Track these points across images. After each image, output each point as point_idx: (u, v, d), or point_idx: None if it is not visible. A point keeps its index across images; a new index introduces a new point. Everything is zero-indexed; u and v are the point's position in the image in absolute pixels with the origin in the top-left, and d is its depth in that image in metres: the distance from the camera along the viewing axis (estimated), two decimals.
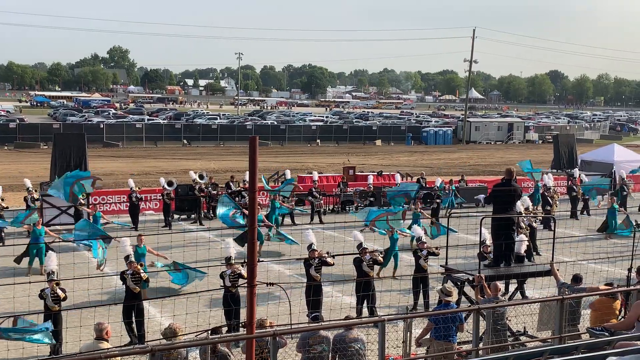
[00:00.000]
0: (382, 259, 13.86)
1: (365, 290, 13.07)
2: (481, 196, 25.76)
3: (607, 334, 7.94)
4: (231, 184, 25.55)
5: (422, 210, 21.31)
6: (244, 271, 11.73)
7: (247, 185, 16.38)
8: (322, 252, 13.42)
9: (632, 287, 10.39)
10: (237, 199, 20.09)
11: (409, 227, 17.98)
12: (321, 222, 24.12)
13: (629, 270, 12.98)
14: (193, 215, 24.40)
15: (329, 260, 13.23)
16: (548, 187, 24.69)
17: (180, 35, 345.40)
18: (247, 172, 6.56)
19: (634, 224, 20.31)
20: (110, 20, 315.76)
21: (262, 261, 16.63)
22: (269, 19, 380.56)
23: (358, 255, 13.50)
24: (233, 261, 12.56)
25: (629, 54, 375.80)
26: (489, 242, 13.44)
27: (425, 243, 14.77)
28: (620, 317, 10.50)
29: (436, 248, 14.80)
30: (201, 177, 24.87)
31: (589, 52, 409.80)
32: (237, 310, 11.86)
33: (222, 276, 12.50)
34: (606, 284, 11.09)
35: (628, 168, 33.54)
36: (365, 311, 13.21)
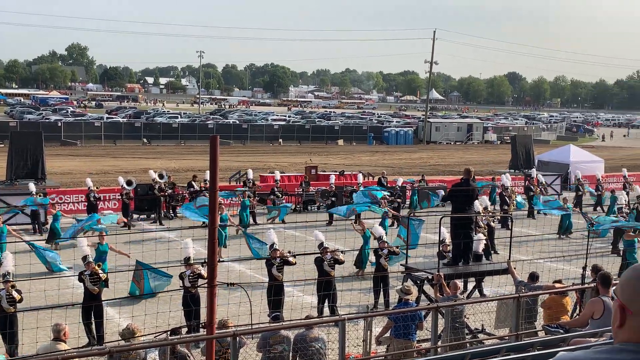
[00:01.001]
0: (343, 258, 13.90)
1: (326, 290, 13.10)
2: (441, 191, 26.17)
3: (562, 331, 8.13)
4: (193, 183, 25.35)
5: (388, 208, 21.48)
6: (203, 271, 11.65)
7: (208, 184, 16.28)
8: (284, 251, 13.41)
9: (586, 285, 10.64)
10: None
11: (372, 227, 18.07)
12: (255, 222, 23.70)
13: (584, 268, 13.31)
14: (153, 215, 24.14)
15: (291, 259, 13.23)
16: (506, 187, 25.12)
17: (141, 32, 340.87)
18: (208, 172, 6.54)
19: (589, 223, 20.85)
20: (69, 17, 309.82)
21: (223, 261, 16.55)
22: (231, 17, 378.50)
23: (319, 255, 13.53)
24: (192, 261, 12.47)
25: (584, 56, 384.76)
26: (448, 241, 13.62)
27: (386, 242, 14.86)
28: (575, 315, 10.76)
29: (396, 247, 14.93)
30: (161, 176, 24.61)
31: (546, 54, 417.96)
32: (197, 311, 11.78)
33: (181, 277, 12.40)
34: (555, 282, 11.35)
35: (584, 168, 34.30)
36: (326, 310, 13.26)
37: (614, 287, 5.61)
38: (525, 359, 6.56)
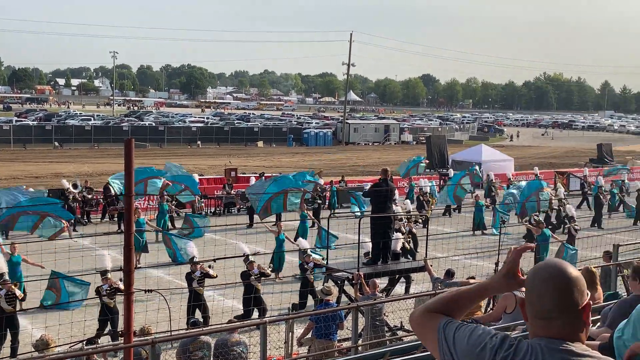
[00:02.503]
0: (270, 271, 13.75)
1: (255, 304, 12.85)
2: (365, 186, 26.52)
3: None
4: (110, 187, 24.66)
5: (307, 211, 21.53)
6: (122, 285, 11.26)
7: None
8: (204, 265, 13.10)
9: None
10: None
11: (295, 239, 18.01)
12: (173, 226, 23.30)
13: (496, 264, 13.83)
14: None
15: (212, 272, 12.97)
16: (424, 191, 25.78)
17: (51, 33, 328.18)
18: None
19: (501, 220, 21.65)
20: None
21: (140, 267, 16.18)
22: (145, 17, 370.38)
23: (245, 270, 13.30)
24: (110, 275, 12.03)
25: (494, 59, 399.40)
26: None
27: (311, 256, 14.50)
28: (488, 309, 11.14)
29: (322, 258, 14.68)
30: (75, 186, 23.82)
31: (458, 56, 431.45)
32: (115, 319, 11.47)
33: (98, 292, 11.99)
34: (469, 278, 11.74)
35: (495, 167, 35.60)
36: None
37: None
38: None
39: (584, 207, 28.43)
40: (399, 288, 14.78)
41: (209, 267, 13.04)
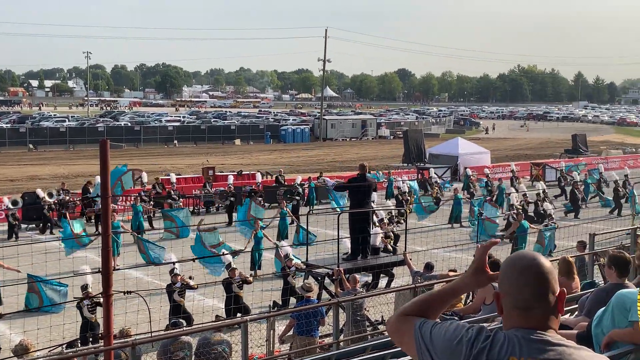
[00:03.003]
0: (251, 279, 13.67)
1: (237, 311, 12.74)
2: (333, 182, 26.65)
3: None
4: (90, 188, 24.46)
5: (287, 208, 21.49)
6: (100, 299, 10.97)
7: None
8: (185, 276, 12.96)
9: None
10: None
11: (278, 238, 17.93)
12: (152, 227, 22.93)
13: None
14: (41, 225, 23.07)
15: (192, 283, 12.81)
16: (403, 191, 25.83)
17: (24, 34, 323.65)
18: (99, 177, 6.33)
19: (477, 213, 21.81)
20: None
21: (119, 269, 16.03)
22: (118, 16, 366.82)
23: (227, 277, 13.11)
24: (90, 289, 11.85)
25: (469, 52, 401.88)
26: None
27: (293, 260, 14.35)
28: (468, 301, 11.22)
29: (302, 262, 14.56)
30: (50, 195, 23.54)
31: (432, 50, 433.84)
32: (96, 334, 11.35)
33: (79, 307, 11.82)
34: (450, 270, 11.82)
35: (471, 160, 35.84)
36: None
37: None
38: None
39: (561, 199, 28.75)
40: (382, 282, 14.83)
41: (190, 278, 12.90)
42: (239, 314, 11.89)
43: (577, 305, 5.62)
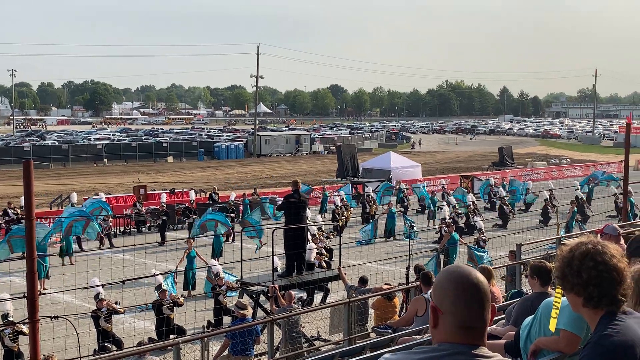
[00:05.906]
0: (182, 301, 13.42)
1: (169, 332, 12.44)
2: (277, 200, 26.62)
3: (390, 331, 8.53)
4: (9, 210, 23.57)
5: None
6: (25, 328, 10.51)
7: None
8: (111, 301, 12.56)
9: (410, 285, 11.27)
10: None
11: (212, 256, 17.67)
12: (112, 245, 22.89)
13: (407, 268, 14.12)
14: None
15: (118, 308, 12.44)
16: (337, 205, 26.12)
17: None
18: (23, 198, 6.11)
19: (409, 225, 22.14)
20: None
21: (45, 293, 15.46)
22: (45, 33, 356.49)
23: (158, 299, 12.84)
24: (12, 318, 11.34)
25: (399, 68, 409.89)
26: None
27: (224, 279, 14.27)
28: (402, 313, 11.35)
29: (235, 282, 14.42)
30: None
31: (363, 67, 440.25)
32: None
33: (0, 337, 11.32)
34: (385, 284, 11.94)
35: (403, 173, 36.43)
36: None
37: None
38: None
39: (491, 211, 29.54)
40: (317, 298, 14.82)
41: (116, 303, 12.56)
42: (172, 336, 11.62)
43: (504, 315, 5.77)
